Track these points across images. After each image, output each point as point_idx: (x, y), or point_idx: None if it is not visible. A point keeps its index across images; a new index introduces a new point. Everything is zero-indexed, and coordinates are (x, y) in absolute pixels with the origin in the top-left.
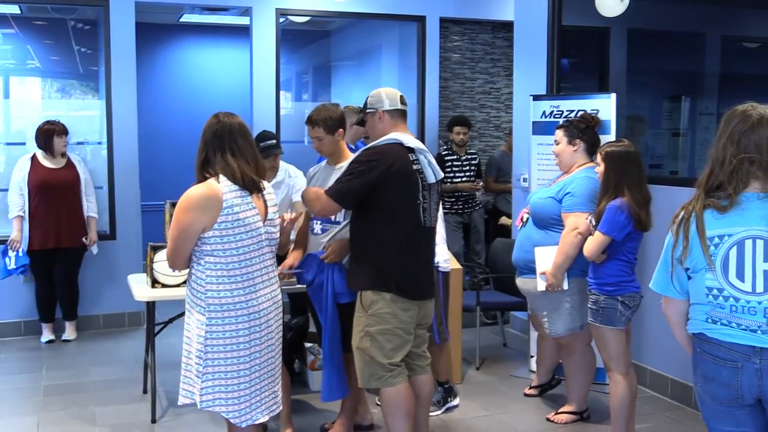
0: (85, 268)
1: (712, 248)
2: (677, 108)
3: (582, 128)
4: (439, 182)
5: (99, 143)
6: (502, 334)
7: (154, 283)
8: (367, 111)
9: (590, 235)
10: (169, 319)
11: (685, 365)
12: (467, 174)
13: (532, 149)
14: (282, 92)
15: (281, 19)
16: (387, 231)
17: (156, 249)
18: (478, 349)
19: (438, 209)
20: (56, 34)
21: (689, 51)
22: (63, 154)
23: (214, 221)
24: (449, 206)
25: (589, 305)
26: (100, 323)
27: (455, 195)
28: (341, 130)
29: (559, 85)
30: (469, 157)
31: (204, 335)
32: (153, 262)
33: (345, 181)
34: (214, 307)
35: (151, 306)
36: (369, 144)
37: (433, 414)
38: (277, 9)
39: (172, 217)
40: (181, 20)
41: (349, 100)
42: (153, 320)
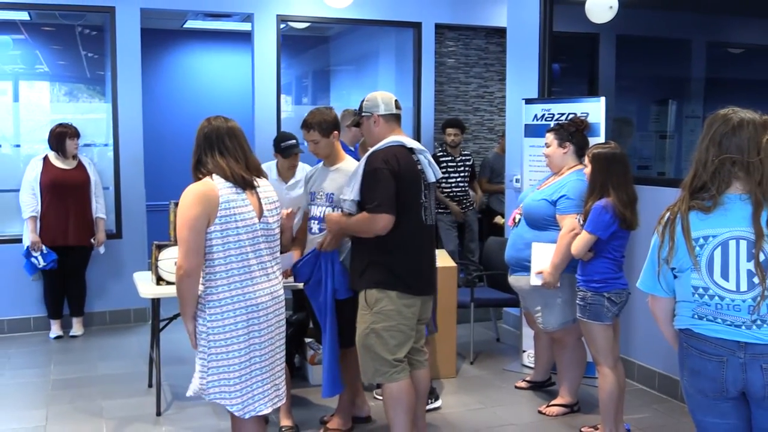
0: (92, 265)
1: (697, 249)
2: (664, 111)
3: (572, 131)
4: (435, 181)
5: (105, 145)
6: (496, 330)
7: (159, 280)
8: (363, 114)
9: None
10: (174, 315)
11: (672, 360)
12: (461, 174)
13: (525, 151)
14: (282, 96)
15: (282, 26)
16: (393, 230)
17: (161, 247)
18: (472, 345)
19: (434, 208)
20: (64, 39)
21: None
22: (74, 156)
23: (214, 216)
24: (444, 206)
25: (577, 301)
26: (106, 319)
27: (450, 195)
28: (336, 131)
29: (551, 89)
30: (463, 158)
31: (206, 330)
32: (158, 260)
33: (379, 191)
34: (213, 303)
35: (156, 303)
36: (372, 148)
37: None
38: (277, 15)
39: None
40: (185, 26)
41: (348, 103)
42: (158, 316)
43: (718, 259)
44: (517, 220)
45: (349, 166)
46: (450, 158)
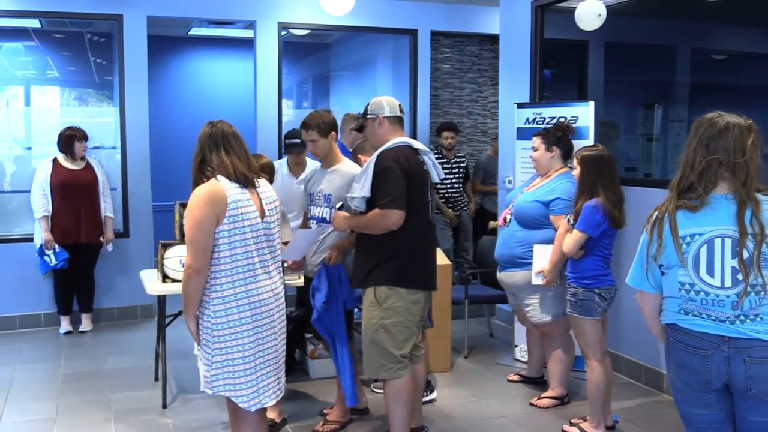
0: (101, 263)
1: (684, 246)
2: (651, 115)
3: (559, 136)
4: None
5: (113, 148)
6: (489, 326)
7: (165, 278)
8: (368, 117)
9: (569, 232)
10: (179, 311)
11: (658, 354)
12: (456, 176)
13: (517, 153)
14: (284, 100)
15: (283, 32)
16: (403, 227)
17: (166, 246)
18: (466, 339)
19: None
20: (74, 46)
21: (662, 62)
22: (82, 157)
23: (223, 216)
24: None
25: (568, 297)
26: (114, 315)
27: (446, 197)
28: (333, 132)
29: (542, 93)
30: (457, 160)
31: (210, 326)
32: (164, 259)
33: (390, 188)
34: (216, 300)
35: (161, 299)
36: (381, 148)
37: None
38: (279, 23)
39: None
40: (190, 33)
41: (347, 107)
42: (164, 312)
43: (704, 257)
44: (507, 220)
45: (346, 167)
46: (445, 160)
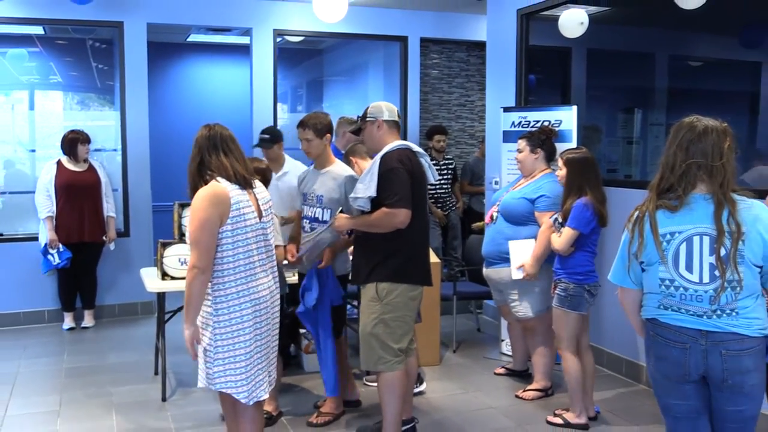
0: (103, 261)
1: (664, 244)
2: (631, 119)
3: (543, 139)
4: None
5: (114, 150)
6: (476, 321)
7: (164, 275)
8: (367, 120)
9: (555, 231)
10: (178, 308)
11: (637, 348)
12: (445, 177)
13: (503, 155)
14: (279, 104)
15: (278, 39)
16: (407, 226)
17: (166, 245)
18: (454, 334)
19: None
20: (76, 52)
21: (641, 69)
22: (85, 159)
23: (227, 216)
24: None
25: (557, 292)
26: (115, 312)
27: (435, 197)
28: (328, 135)
29: (527, 98)
30: (446, 162)
31: (212, 324)
32: (163, 257)
33: (397, 187)
34: (220, 298)
35: (161, 296)
36: (384, 149)
37: None
38: (274, 30)
39: (180, 217)
40: (188, 40)
41: (340, 111)
42: (163, 309)
43: (683, 254)
44: (494, 218)
45: (338, 169)
46: (434, 162)
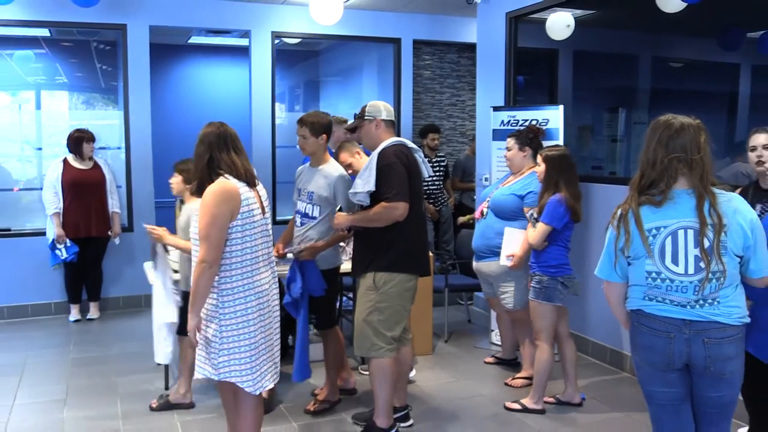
0: (108, 255)
1: (650, 239)
2: (615, 118)
3: (530, 137)
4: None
5: (118, 148)
6: (467, 312)
7: None
8: (366, 118)
9: (531, 225)
10: None
11: (621, 337)
12: (437, 174)
13: (493, 153)
14: (277, 104)
15: (276, 41)
16: (405, 219)
17: None
18: (446, 325)
19: None
20: (81, 53)
21: (625, 70)
22: (90, 157)
23: (237, 212)
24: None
25: (533, 285)
26: (120, 304)
27: (427, 193)
28: (325, 135)
29: (515, 98)
30: (438, 159)
31: (218, 316)
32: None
33: (395, 182)
34: (226, 291)
35: None
36: (381, 146)
37: None
38: (272, 32)
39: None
40: (189, 41)
41: (336, 111)
42: None
43: (669, 247)
44: (484, 213)
45: (330, 169)
46: (427, 159)
